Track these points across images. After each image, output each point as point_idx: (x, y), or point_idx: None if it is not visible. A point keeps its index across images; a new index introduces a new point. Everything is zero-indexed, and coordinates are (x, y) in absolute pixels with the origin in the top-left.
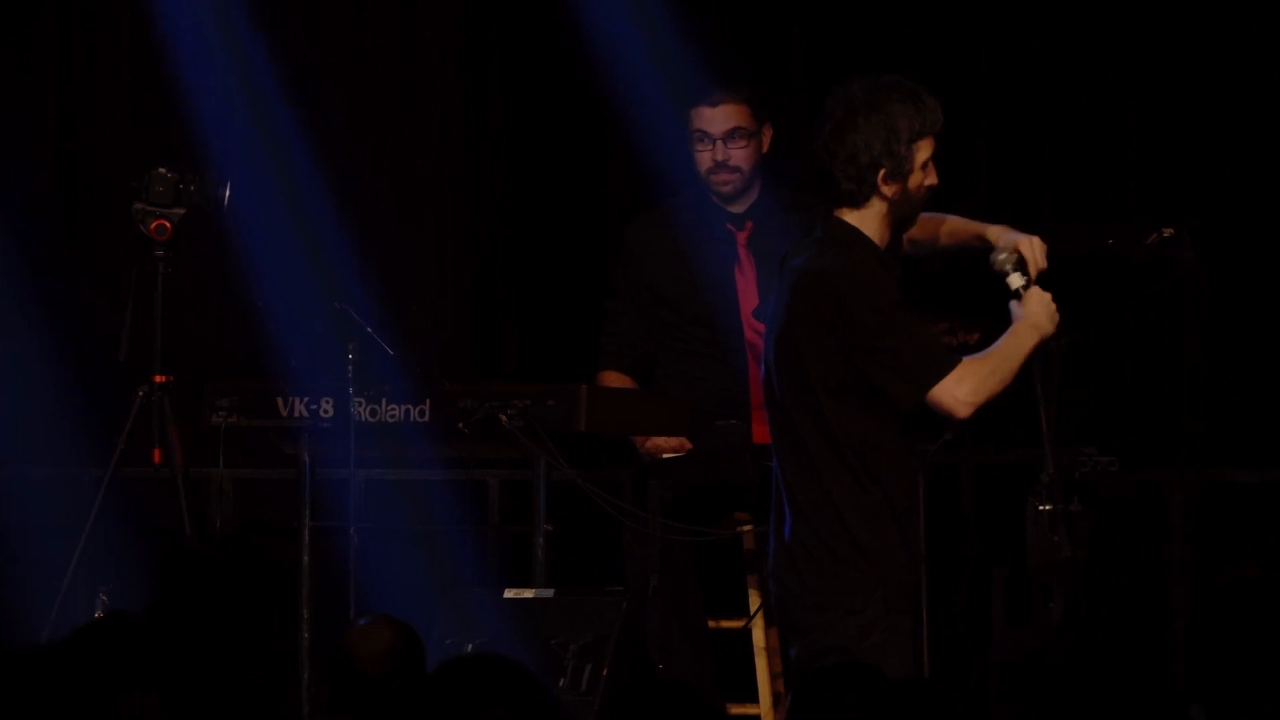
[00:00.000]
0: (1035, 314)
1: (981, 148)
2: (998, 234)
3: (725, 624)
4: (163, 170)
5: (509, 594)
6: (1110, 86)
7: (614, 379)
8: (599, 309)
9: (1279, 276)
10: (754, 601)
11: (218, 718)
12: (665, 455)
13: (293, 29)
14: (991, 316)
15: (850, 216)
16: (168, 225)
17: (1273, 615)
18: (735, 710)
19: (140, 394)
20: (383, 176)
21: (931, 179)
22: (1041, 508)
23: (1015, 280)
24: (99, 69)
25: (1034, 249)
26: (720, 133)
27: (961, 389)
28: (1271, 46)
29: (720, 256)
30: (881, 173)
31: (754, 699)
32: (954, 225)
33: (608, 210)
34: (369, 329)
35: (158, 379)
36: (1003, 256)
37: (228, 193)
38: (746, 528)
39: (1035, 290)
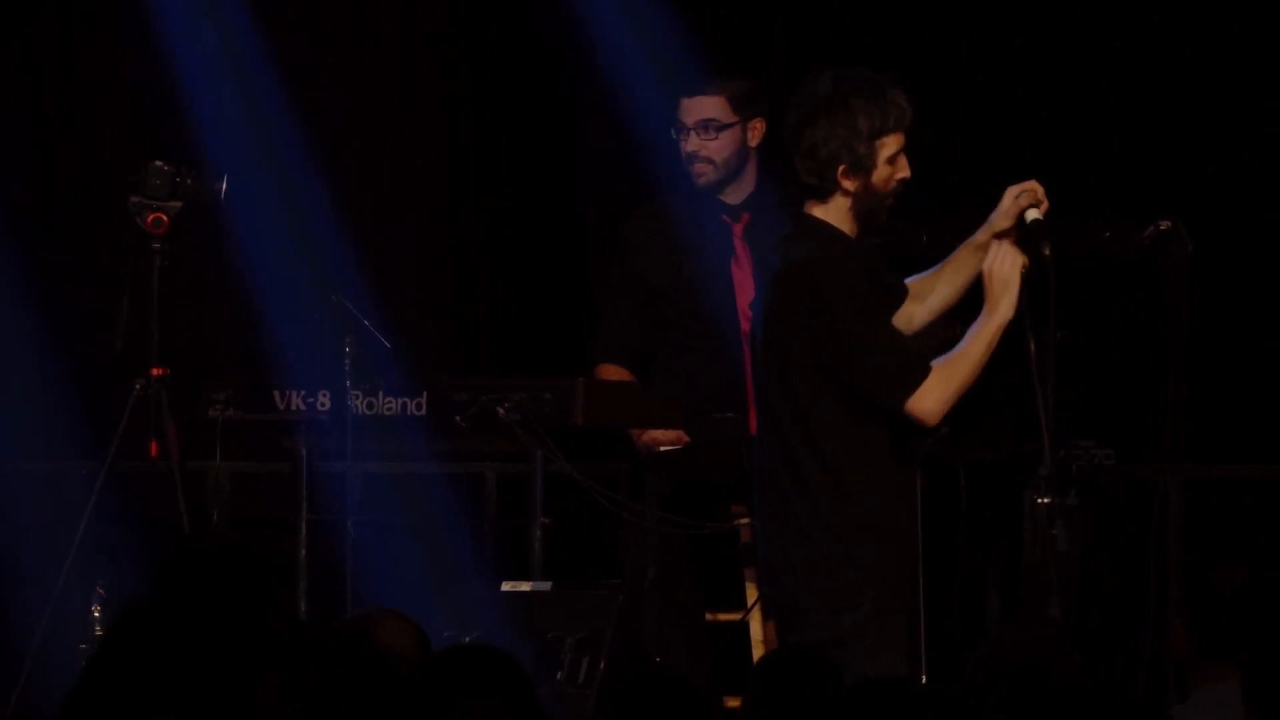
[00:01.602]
0: (995, 296)
1: (963, 146)
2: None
3: (722, 617)
4: (159, 163)
5: (506, 587)
6: (1092, 86)
7: (612, 372)
8: (582, 307)
9: (1271, 273)
10: (751, 594)
11: (222, 710)
12: (662, 448)
13: (290, 25)
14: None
15: (819, 210)
16: (164, 218)
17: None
18: (732, 704)
19: (137, 387)
20: (377, 171)
21: (902, 172)
22: (1039, 500)
23: (1032, 212)
24: (95, 65)
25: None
26: (693, 123)
27: (930, 399)
28: (1254, 47)
29: (716, 249)
30: (841, 168)
31: None
32: (946, 263)
33: (600, 209)
34: (365, 322)
35: (154, 372)
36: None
37: (224, 186)
38: (743, 521)
39: (1000, 257)
